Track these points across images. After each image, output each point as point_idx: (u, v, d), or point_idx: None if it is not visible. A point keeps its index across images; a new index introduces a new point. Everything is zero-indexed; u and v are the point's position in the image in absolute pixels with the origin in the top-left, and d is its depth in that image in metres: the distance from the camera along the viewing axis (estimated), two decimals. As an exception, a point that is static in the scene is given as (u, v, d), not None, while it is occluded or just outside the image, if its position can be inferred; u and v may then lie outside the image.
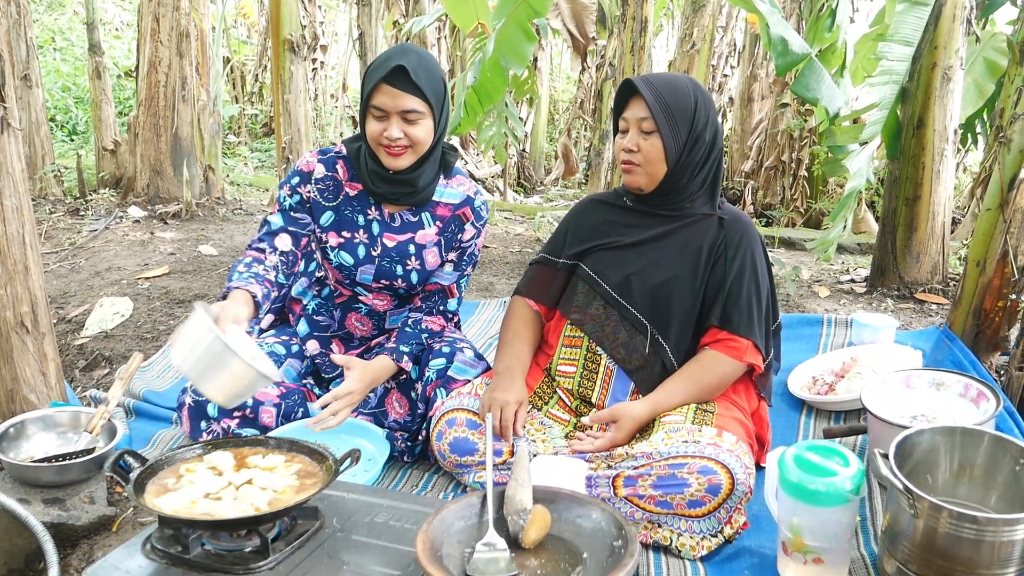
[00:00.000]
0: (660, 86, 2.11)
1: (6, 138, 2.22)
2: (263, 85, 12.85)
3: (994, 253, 2.88)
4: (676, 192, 2.18)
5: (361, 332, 2.51)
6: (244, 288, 2.03)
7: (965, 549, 1.51)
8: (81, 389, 3.03)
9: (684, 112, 2.10)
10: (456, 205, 2.39)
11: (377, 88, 2.13)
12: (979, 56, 5.09)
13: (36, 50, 6.21)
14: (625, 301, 2.17)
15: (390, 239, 2.36)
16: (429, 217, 2.38)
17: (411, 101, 2.13)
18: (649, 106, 2.07)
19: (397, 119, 2.14)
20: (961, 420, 2.20)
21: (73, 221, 5.64)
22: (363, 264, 2.36)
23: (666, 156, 2.10)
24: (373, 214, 2.36)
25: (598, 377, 2.21)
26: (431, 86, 2.15)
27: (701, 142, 2.13)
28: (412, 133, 2.16)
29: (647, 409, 2.07)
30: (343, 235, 2.35)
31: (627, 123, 2.15)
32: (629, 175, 2.18)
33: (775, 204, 7.44)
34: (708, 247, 2.16)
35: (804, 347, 3.10)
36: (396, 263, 2.36)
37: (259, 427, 2.29)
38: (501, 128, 6.37)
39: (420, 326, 2.43)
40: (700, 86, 2.19)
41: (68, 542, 1.96)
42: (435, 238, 2.38)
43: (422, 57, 2.17)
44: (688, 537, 1.89)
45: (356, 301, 2.47)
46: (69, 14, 12.96)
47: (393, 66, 2.09)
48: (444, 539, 1.56)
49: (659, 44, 12.97)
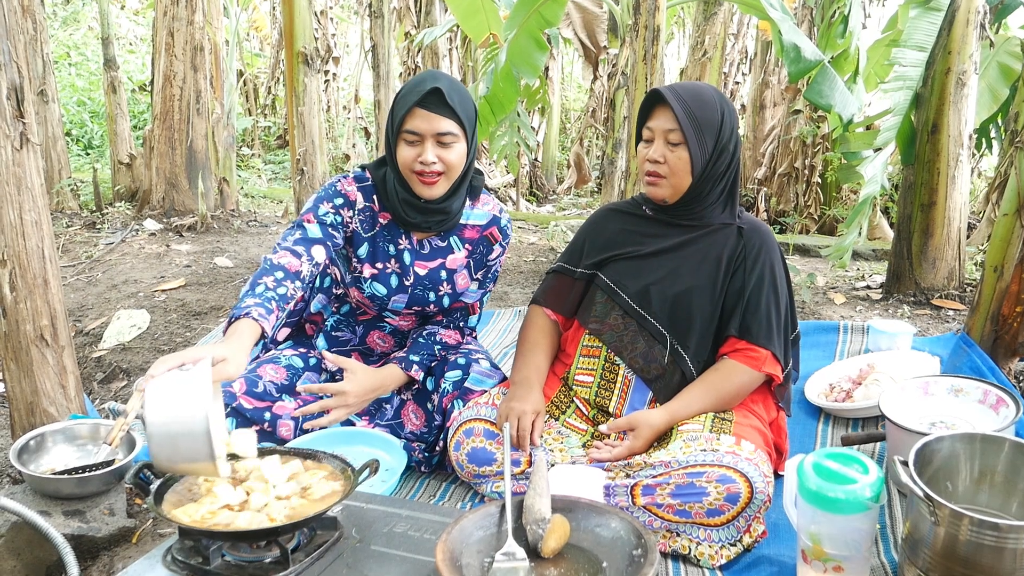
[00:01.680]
0: (688, 97, 2.09)
1: (25, 153, 2.24)
2: (276, 97, 12.94)
3: (1012, 258, 2.86)
4: (697, 202, 2.17)
5: (382, 348, 2.52)
6: (258, 321, 1.84)
7: (986, 556, 1.50)
8: (100, 401, 3.05)
9: (711, 124, 2.09)
10: (483, 226, 2.38)
11: (411, 112, 2.10)
12: (993, 60, 5.07)
13: (52, 65, 6.29)
14: (644, 311, 2.17)
15: (421, 267, 2.34)
16: (458, 241, 2.37)
17: (446, 123, 2.10)
18: (677, 118, 2.05)
19: (432, 143, 2.11)
20: (981, 426, 2.19)
21: (90, 234, 5.69)
22: (396, 294, 2.35)
23: (692, 168, 2.09)
24: (404, 244, 2.33)
25: (616, 387, 2.20)
26: (464, 108, 2.14)
27: (726, 153, 2.12)
28: (446, 157, 2.13)
29: (665, 418, 2.07)
30: (376, 267, 2.33)
31: (652, 133, 2.13)
32: (654, 187, 2.16)
33: (789, 211, 7.42)
34: (727, 257, 2.16)
35: (821, 354, 3.09)
36: (428, 290, 2.36)
37: (277, 440, 2.30)
38: (513, 138, 6.39)
39: (435, 338, 2.43)
40: (724, 96, 2.17)
41: (89, 554, 1.97)
42: (465, 261, 2.38)
43: (453, 81, 2.16)
44: (707, 546, 1.89)
45: (381, 320, 2.48)
46: (84, 29, 13.09)
47: (428, 88, 2.07)
48: (463, 549, 1.56)
49: (671, 52, 12.99)
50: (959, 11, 3.96)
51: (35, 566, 1.93)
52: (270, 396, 2.30)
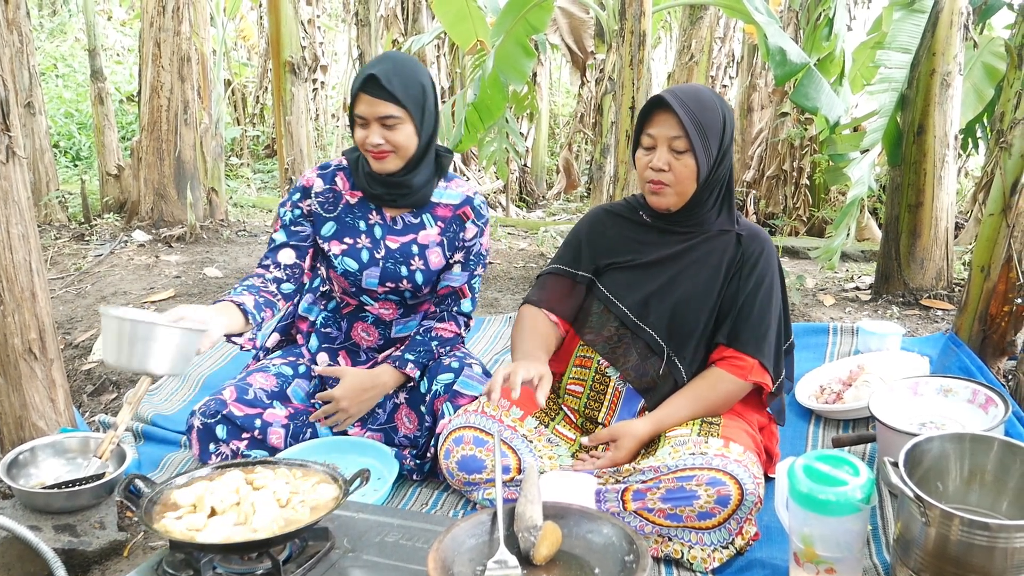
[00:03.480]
0: (690, 102, 2.01)
1: (11, 167, 2.23)
2: (264, 107, 12.91)
3: (998, 258, 2.88)
4: (697, 208, 2.12)
5: (368, 343, 2.52)
6: (229, 299, 2.16)
7: (977, 556, 1.50)
8: (89, 414, 3.03)
9: (715, 128, 2.03)
10: (456, 205, 2.44)
11: (357, 97, 2.22)
12: (977, 61, 5.10)
13: (39, 77, 6.26)
14: (642, 323, 2.14)
15: (393, 241, 2.40)
16: (431, 218, 2.42)
17: (386, 108, 2.19)
18: (683, 124, 1.98)
19: (376, 126, 2.22)
20: (970, 426, 2.20)
21: (78, 246, 5.66)
22: (368, 268, 2.39)
23: (697, 175, 2.03)
24: (375, 219, 2.41)
25: (606, 399, 2.19)
26: (406, 91, 2.20)
27: (728, 157, 2.08)
28: (392, 138, 2.23)
29: (649, 428, 2.06)
30: (345, 242, 2.39)
31: (654, 140, 2.05)
32: (658, 196, 2.09)
33: (777, 213, 7.44)
34: (727, 265, 2.12)
35: (811, 356, 3.10)
36: (400, 264, 2.39)
37: (268, 448, 2.30)
38: (502, 144, 6.39)
39: (431, 334, 2.45)
40: (722, 98, 2.12)
41: (80, 568, 1.96)
42: (437, 238, 2.41)
43: (398, 63, 2.23)
44: (699, 549, 1.89)
45: (362, 310, 2.49)
46: (71, 41, 13.05)
47: (366, 75, 2.18)
48: (455, 557, 1.56)
49: (657, 56, 13.02)
50: (943, 12, 3.98)
51: (25, 581, 1.92)
52: (260, 403, 2.31)
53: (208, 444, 2.25)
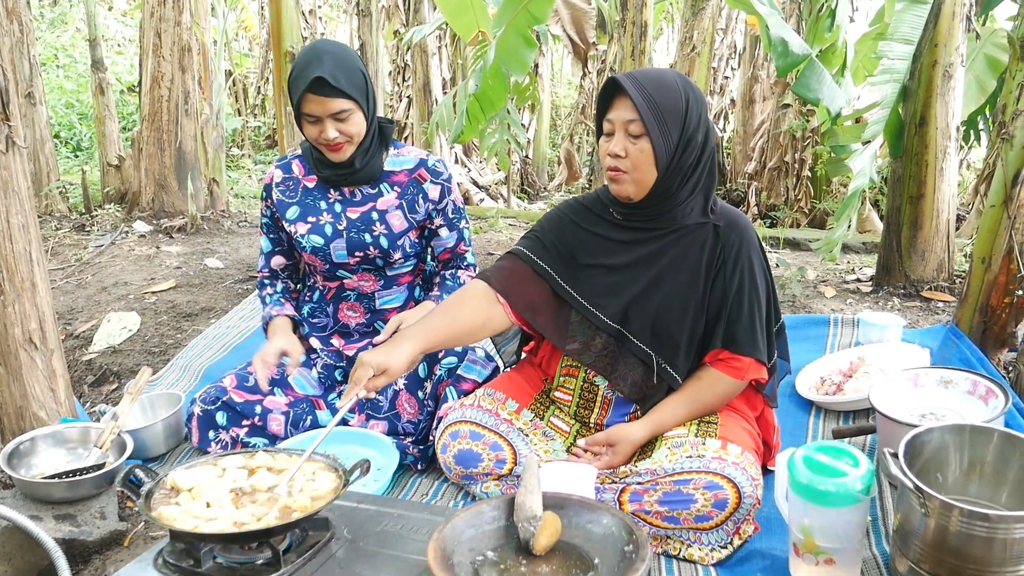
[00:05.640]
0: (648, 84, 1.91)
1: (11, 156, 2.23)
2: (265, 97, 12.90)
3: (999, 249, 2.87)
4: (667, 200, 2.01)
5: (355, 320, 2.55)
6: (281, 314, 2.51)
7: (977, 547, 1.50)
8: (90, 404, 3.04)
9: (675, 112, 1.92)
10: (411, 169, 2.50)
11: (304, 98, 2.25)
12: (980, 53, 5.08)
13: (39, 68, 6.25)
14: (626, 330, 2.07)
15: (353, 212, 2.47)
16: (387, 186, 2.49)
17: (338, 103, 2.25)
18: (637, 106, 1.88)
19: (330, 120, 2.27)
20: (970, 418, 2.20)
21: (79, 237, 5.66)
22: (333, 240, 2.44)
23: (656, 161, 1.93)
24: (334, 196, 2.49)
25: (595, 405, 2.16)
26: (352, 83, 2.25)
27: (693, 144, 1.95)
28: (346, 130, 2.30)
29: (645, 431, 2.03)
30: (309, 220, 2.46)
31: (612, 125, 1.96)
32: (616, 184, 2.00)
33: (779, 205, 7.44)
34: (707, 262, 2.03)
35: (811, 347, 3.09)
36: (363, 231, 2.45)
37: (268, 436, 2.31)
38: (504, 135, 6.39)
39: (458, 279, 2.55)
40: (690, 82, 2.00)
41: (80, 558, 1.97)
42: (396, 202, 2.47)
43: (336, 57, 2.24)
44: (697, 548, 1.88)
45: (344, 290, 2.53)
46: (71, 31, 13.03)
47: (312, 77, 2.19)
48: (455, 548, 1.56)
49: (659, 48, 13.00)
50: (945, 4, 3.96)
51: (27, 571, 1.92)
52: (261, 390, 2.31)
53: (208, 431, 2.26)
